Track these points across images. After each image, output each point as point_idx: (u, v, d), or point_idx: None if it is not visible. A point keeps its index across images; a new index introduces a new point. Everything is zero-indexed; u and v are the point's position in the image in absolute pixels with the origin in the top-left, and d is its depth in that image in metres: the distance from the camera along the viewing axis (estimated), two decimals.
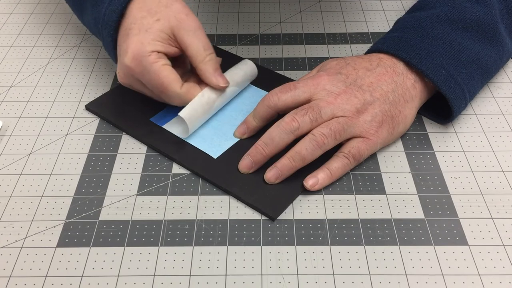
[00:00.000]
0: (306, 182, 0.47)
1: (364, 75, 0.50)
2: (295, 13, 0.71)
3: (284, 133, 0.47)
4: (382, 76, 0.51)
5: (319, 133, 0.47)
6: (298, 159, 0.47)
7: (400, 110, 0.50)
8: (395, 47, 0.52)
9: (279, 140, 0.48)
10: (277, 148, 0.48)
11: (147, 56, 0.50)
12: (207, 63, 0.52)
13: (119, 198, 0.48)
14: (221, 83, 0.52)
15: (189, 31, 0.51)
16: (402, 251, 0.43)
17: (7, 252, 0.44)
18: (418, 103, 0.52)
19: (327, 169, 0.48)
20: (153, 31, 0.50)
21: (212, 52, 0.52)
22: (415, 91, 0.51)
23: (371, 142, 0.49)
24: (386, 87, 0.50)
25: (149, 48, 0.50)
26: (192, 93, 0.51)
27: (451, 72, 0.51)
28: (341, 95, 0.49)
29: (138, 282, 0.42)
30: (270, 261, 0.43)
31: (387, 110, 0.49)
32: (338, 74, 0.50)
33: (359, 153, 0.48)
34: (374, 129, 0.49)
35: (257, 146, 0.48)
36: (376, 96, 0.49)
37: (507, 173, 0.50)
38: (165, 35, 0.51)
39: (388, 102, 0.50)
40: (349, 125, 0.48)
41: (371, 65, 0.51)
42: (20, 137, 0.54)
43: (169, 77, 0.50)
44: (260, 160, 0.48)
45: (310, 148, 0.47)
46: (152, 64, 0.50)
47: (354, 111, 0.48)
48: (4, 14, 0.73)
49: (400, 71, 0.51)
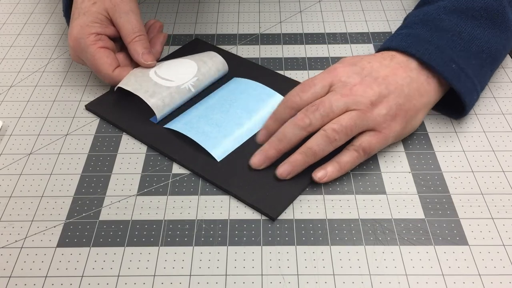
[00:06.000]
0: (315, 175, 0.48)
1: (379, 68, 0.50)
2: (295, 13, 0.71)
3: (297, 129, 0.47)
4: (396, 70, 0.50)
5: (331, 129, 0.47)
6: (310, 155, 0.47)
7: (415, 104, 0.50)
8: (404, 44, 0.52)
9: (291, 136, 0.48)
10: (289, 144, 0.48)
11: (85, 39, 0.55)
12: (135, 43, 0.56)
13: (119, 198, 0.48)
14: (148, 60, 0.56)
15: (121, 14, 0.56)
16: (402, 251, 0.43)
17: (7, 252, 0.44)
18: (433, 98, 0.52)
19: (336, 162, 0.48)
20: (91, 13, 0.56)
21: (141, 34, 0.57)
22: (430, 86, 0.51)
23: (383, 136, 0.48)
24: (402, 80, 0.50)
25: (87, 30, 0.55)
26: (124, 77, 0.56)
27: (461, 66, 0.50)
28: (357, 87, 0.48)
29: (138, 282, 0.42)
30: (270, 261, 0.43)
31: (401, 104, 0.49)
32: (353, 65, 0.50)
33: (370, 147, 0.48)
34: (388, 122, 0.48)
35: (271, 142, 0.49)
36: (391, 89, 0.49)
37: (507, 173, 0.50)
38: (103, 16, 0.57)
39: (403, 95, 0.49)
40: (362, 119, 0.47)
41: (384, 60, 0.51)
42: (20, 137, 0.54)
43: (102, 59, 0.55)
44: (273, 156, 0.49)
45: (322, 144, 0.47)
46: (89, 46, 0.55)
47: (368, 104, 0.48)
48: (4, 14, 0.73)
49: (414, 66, 0.51)
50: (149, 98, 0.53)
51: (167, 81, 0.55)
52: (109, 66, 0.55)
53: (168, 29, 0.69)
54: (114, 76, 0.56)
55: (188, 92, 0.56)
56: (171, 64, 0.57)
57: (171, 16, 0.71)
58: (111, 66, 0.55)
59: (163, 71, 0.56)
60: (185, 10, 0.73)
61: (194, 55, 0.59)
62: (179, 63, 0.58)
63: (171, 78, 0.56)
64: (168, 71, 0.56)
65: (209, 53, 0.59)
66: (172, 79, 0.56)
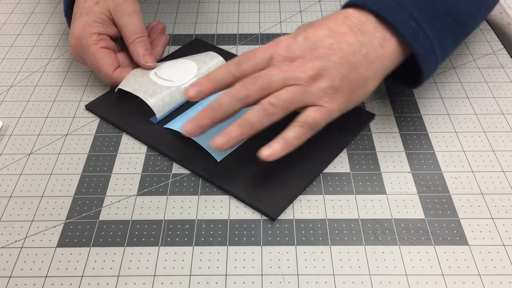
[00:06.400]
0: (261, 153, 0.45)
1: (325, 35, 0.47)
2: (295, 13, 0.71)
3: (233, 100, 0.46)
4: (344, 36, 0.47)
5: (268, 103, 0.45)
6: (247, 126, 0.45)
7: (361, 73, 0.47)
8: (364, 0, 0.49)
9: (227, 107, 0.46)
10: (224, 114, 0.46)
11: (87, 38, 0.55)
12: (136, 44, 0.56)
13: (119, 198, 0.48)
14: (148, 62, 0.56)
15: (124, 14, 0.57)
16: (402, 251, 0.43)
17: (7, 252, 0.44)
18: (387, 63, 0.48)
19: (282, 138, 0.46)
20: (93, 13, 0.56)
21: (142, 35, 0.57)
22: (383, 50, 0.47)
23: (327, 110, 0.46)
24: (348, 47, 0.47)
25: (89, 30, 0.55)
26: (124, 77, 0.56)
27: (422, 25, 0.47)
28: (296, 61, 0.46)
29: (138, 282, 0.42)
30: (270, 261, 0.43)
31: (345, 75, 0.46)
32: (297, 37, 0.48)
33: (315, 122, 0.46)
34: (330, 96, 0.46)
35: (205, 111, 0.46)
36: (333, 60, 0.46)
37: (507, 173, 0.50)
38: (105, 16, 0.57)
39: (348, 65, 0.46)
40: (301, 93, 0.45)
41: (335, 24, 0.48)
42: (20, 137, 0.54)
43: (103, 60, 0.55)
44: (206, 125, 0.46)
45: (259, 116, 0.45)
46: (90, 46, 0.55)
47: (307, 79, 0.46)
48: (4, 14, 0.73)
49: (368, 29, 0.47)
50: (149, 98, 0.53)
51: (167, 81, 0.55)
52: (109, 66, 0.55)
53: (168, 29, 0.69)
54: (114, 77, 0.56)
55: None
56: (171, 65, 0.58)
57: (171, 16, 0.72)
58: (112, 66, 0.56)
59: (163, 71, 0.56)
60: (185, 10, 0.73)
61: (194, 56, 0.59)
62: (179, 63, 0.58)
63: (171, 79, 0.56)
64: (168, 72, 0.56)
65: (209, 53, 0.59)
66: (172, 79, 0.56)
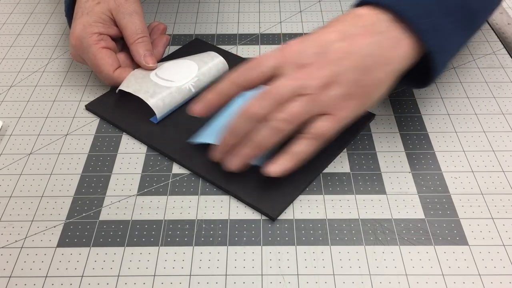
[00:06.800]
0: (268, 170, 0.44)
1: (336, 39, 0.45)
2: (295, 13, 0.71)
3: (249, 121, 0.45)
4: (356, 38, 0.45)
5: (277, 120, 0.44)
6: (254, 147, 0.45)
7: (377, 76, 0.45)
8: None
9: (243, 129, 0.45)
10: (240, 136, 0.46)
11: (87, 38, 0.55)
12: (137, 45, 0.56)
13: (119, 198, 0.48)
14: (149, 63, 0.56)
15: (125, 14, 0.57)
16: (402, 251, 0.43)
17: (7, 252, 0.44)
18: (402, 64, 0.46)
19: (291, 153, 0.45)
20: (94, 13, 0.56)
21: (144, 35, 0.57)
22: (397, 52, 0.46)
23: (338, 118, 0.45)
24: (362, 50, 0.45)
25: (90, 30, 0.55)
26: (124, 77, 0.56)
27: (436, 21, 0.46)
28: (308, 68, 0.44)
29: (138, 282, 0.42)
30: (270, 261, 0.43)
31: (359, 80, 0.45)
32: (307, 41, 0.46)
33: (325, 133, 0.45)
34: (343, 103, 0.44)
35: (225, 138, 0.47)
36: (346, 64, 0.44)
37: (507, 173, 0.50)
38: (106, 17, 0.57)
39: (362, 69, 0.45)
40: (313, 104, 0.44)
41: (346, 26, 0.46)
42: (20, 137, 0.54)
43: (104, 60, 0.55)
44: (227, 151, 0.47)
45: (266, 135, 0.44)
46: (91, 46, 0.55)
47: (320, 87, 0.44)
48: (4, 14, 0.73)
49: (380, 29, 0.46)
50: (149, 98, 0.53)
51: (168, 82, 0.55)
52: (110, 66, 0.55)
53: (168, 29, 0.69)
54: (114, 77, 0.56)
55: (189, 92, 0.56)
56: (171, 65, 0.58)
57: (171, 16, 0.71)
58: (112, 66, 0.56)
59: (164, 72, 0.56)
60: (185, 10, 0.73)
61: (194, 55, 0.59)
62: (179, 63, 0.58)
63: (172, 79, 0.56)
64: (168, 72, 0.56)
65: (210, 53, 0.59)
66: (172, 80, 0.56)
